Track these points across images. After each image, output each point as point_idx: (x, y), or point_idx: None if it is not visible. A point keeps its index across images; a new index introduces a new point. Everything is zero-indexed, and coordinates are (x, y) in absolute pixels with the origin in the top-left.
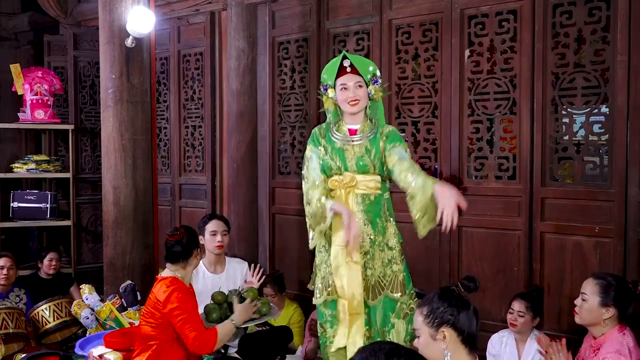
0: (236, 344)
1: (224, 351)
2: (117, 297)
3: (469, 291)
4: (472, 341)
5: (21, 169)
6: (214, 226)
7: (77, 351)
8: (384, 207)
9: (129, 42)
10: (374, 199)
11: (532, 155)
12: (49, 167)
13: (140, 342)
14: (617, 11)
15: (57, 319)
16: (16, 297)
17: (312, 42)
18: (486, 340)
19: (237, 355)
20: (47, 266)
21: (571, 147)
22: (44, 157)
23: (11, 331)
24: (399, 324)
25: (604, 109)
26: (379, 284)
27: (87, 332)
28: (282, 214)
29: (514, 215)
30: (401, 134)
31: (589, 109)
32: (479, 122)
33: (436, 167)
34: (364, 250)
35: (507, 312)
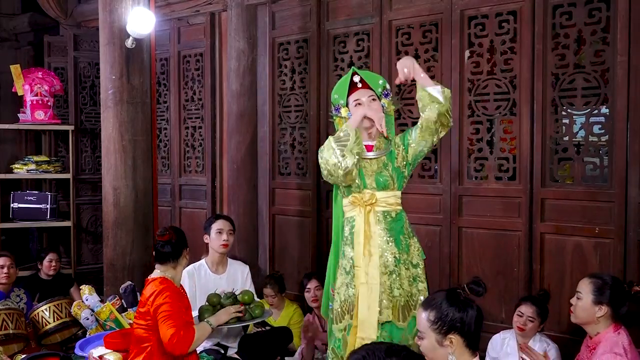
0: (236, 344)
1: (223, 352)
2: (117, 298)
3: (477, 295)
4: (475, 343)
5: (21, 170)
6: (220, 225)
7: (77, 352)
8: (406, 223)
9: (129, 43)
10: (395, 216)
11: (532, 156)
12: (49, 167)
13: (134, 344)
14: (617, 12)
15: (57, 319)
16: (17, 297)
17: (312, 43)
18: (486, 340)
19: (237, 355)
20: (47, 267)
21: (571, 147)
22: (44, 157)
23: (11, 332)
24: None
25: (604, 110)
26: (408, 304)
27: (87, 333)
28: (282, 214)
29: (514, 216)
30: None
31: (589, 109)
32: (479, 123)
33: (436, 167)
34: (389, 270)
35: (515, 314)
